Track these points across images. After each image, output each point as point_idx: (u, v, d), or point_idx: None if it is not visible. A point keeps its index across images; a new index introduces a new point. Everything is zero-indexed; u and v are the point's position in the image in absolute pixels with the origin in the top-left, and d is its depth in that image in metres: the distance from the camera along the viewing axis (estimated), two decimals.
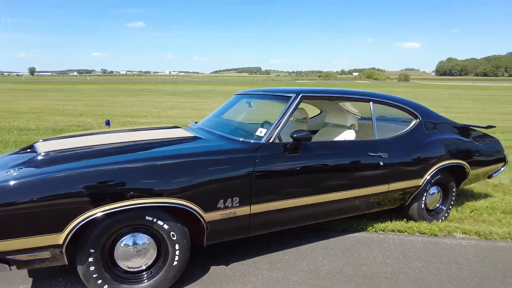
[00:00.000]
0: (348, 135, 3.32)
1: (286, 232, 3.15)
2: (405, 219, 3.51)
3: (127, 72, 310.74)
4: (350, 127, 3.40)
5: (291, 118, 4.31)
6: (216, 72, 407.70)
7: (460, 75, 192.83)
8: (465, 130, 3.81)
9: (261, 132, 2.70)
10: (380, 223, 3.44)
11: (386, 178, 3.05)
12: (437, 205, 3.63)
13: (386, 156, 3.02)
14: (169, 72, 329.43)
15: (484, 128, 4.09)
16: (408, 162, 3.17)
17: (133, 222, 2.13)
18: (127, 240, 2.17)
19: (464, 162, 3.52)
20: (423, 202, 3.43)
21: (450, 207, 3.68)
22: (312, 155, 2.74)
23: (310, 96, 3.01)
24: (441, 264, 2.77)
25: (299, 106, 4.01)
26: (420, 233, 3.31)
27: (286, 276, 2.54)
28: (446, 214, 3.65)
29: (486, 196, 4.54)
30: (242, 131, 2.99)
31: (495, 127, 4.57)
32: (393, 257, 2.86)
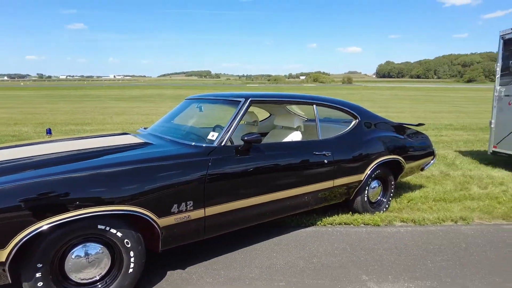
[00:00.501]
0: (295, 136, 3.51)
1: (242, 231, 3.24)
2: (350, 212, 3.78)
3: (67, 77, 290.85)
4: (297, 128, 3.60)
5: (242, 121, 4.43)
6: (164, 75, 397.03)
7: (397, 77, 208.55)
8: (399, 128, 4.20)
9: (213, 136, 2.76)
10: (328, 217, 3.67)
11: (331, 175, 3.28)
12: (379, 197, 3.96)
13: (329, 154, 3.25)
14: (114, 76, 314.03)
15: (415, 125, 4.54)
16: (350, 159, 3.43)
17: (84, 232, 2.08)
18: (78, 251, 2.11)
19: (400, 157, 3.89)
20: (365, 195, 3.72)
21: (390, 198, 4.03)
22: (263, 156, 2.86)
23: (258, 100, 3.14)
24: (383, 251, 3.04)
25: (249, 110, 4.14)
26: (364, 224, 3.60)
27: (242, 274, 2.63)
28: (387, 206, 3.99)
29: (420, 187, 5.02)
30: (194, 136, 3.03)
31: (424, 124, 5.08)
32: (341, 248, 3.08)
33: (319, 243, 3.15)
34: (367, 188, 3.71)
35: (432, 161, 4.54)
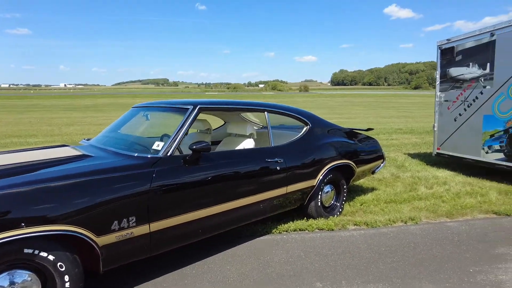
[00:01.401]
0: (248, 143, 3.45)
1: (194, 245, 3.10)
2: (305, 218, 3.78)
3: (11, 86, 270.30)
4: (250, 136, 3.54)
5: (195, 130, 4.30)
6: (119, 84, 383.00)
7: (350, 84, 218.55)
8: (349, 133, 4.31)
9: (158, 145, 2.62)
10: (283, 224, 3.63)
11: (284, 181, 3.25)
12: (332, 202, 4.01)
13: (281, 161, 3.22)
14: (65, 85, 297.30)
15: (365, 130, 4.68)
16: (302, 165, 3.43)
17: (7, 258, 1.84)
18: (1, 280, 1.86)
19: (350, 162, 3.97)
20: (319, 200, 3.74)
21: (343, 202, 4.10)
22: (213, 165, 2.76)
23: (208, 108, 3.05)
24: (337, 256, 3.05)
25: (202, 118, 4.01)
26: (319, 229, 3.60)
27: None
28: (340, 209, 4.05)
29: (372, 189, 5.18)
30: (138, 146, 2.86)
31: (373, 129, 5.27)
32: (295, 255, 3.05)
33: (274, 252, 3.10)
34: (320, 193, 3.73)
35: (382, 165, 4.70)
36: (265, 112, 3.44)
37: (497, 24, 5.24)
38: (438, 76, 6.56)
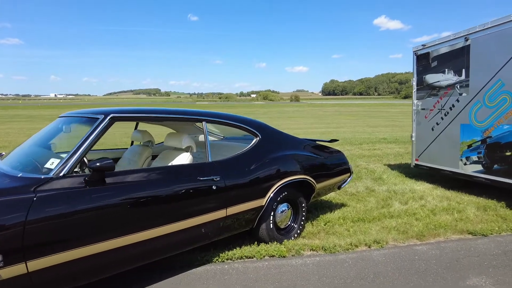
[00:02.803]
0: (183, 158, 2.98)
1: (106, 281, 2.60)
2: (256, 242, 3.32)
3: (0, 96, 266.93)
4: (186, 149, 3.08)
5: (137, 142, 3.83)
6: (111, 94, 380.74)
7: (341, 94, 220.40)
8: (309, 145, 3.87)
9: (52, 163, 2.15)
10: (229, 251, 3.16)
11: (222, 203, 2.79)
12: (289, 222, 3.55)
13: (218, 179, 2.76)
14: (55, 95, 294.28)
15: (328, 142, 4.26)
16: (246, 183, 2.98)
17: None
18: None
19: (308, 177, 3.52)
20: (271, 222, 3.28)
21: (302, 223, 3.64)
22: (123, 186, 2.29)
23: (123, 117, 2.56)
24: None
25: (142, 129, 3.56)
26: (269, 256, 3.13)
27: None
28: (298, 231, 3.59)
29: (341, 206, 4.74)
30: (29, 164, 2.38)
31: (338, 140, 4.85)
32: None
33: None
34: (272, 214, 3.27)
35: (348, 179, 4.27)
36: (203, 122, 2.98)
37: (471, 28, 4.92)
38: (414, 84, 6.22)
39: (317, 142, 4.11)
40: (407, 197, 5.15)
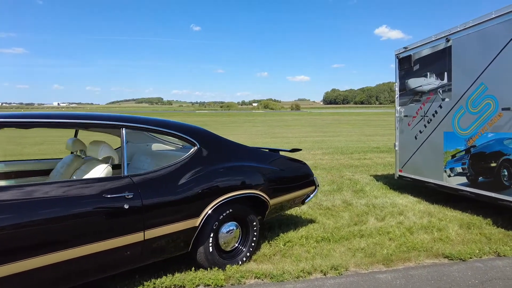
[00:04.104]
0: (98, 171, 2.54)
1: None
2: (193, 267, 2.85)
3: (3, 104, 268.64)
4: (104, 160, 2.64)
5: (76, 152, 3.40)
6: (113, 102, 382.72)
7: (343, 103, 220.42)
8: (263, 155, 3.42)
9: None
10: (157, 278, 2.69)
11: (137, 225, 2.34)
12: (236, 244, 3.08)
13: (131, 196, 2.32)
14: (58, 103, 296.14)
15: (289, 151, 3.82)
16: (173, 200, 2.53)
17: None
18: None
19: (258, 192, 3.07)
20: (210, 244, 2.82)
21: (254, 244, 3.17)
22: (9, 204, 1.86)
23: (7, 123, 2.13)
24: None
25: (76, 137, 3.15)
26: (203, 285, 2.67)
27: None
28: (248, 254, 3.12)
29: (309, 222, 4.27)
30: None
31: (301, 150, 4.41)
32: None
33: None
34: (212, 235, 2.82)
35: (313, 193, 3.81)
36: (122, 129, 2.54)
37: (453, 28, 4.51)
38: (397, 89, 5.80)
39: (277, 152, 3.66)
40: (386, 212, 4.68)
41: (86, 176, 2.56)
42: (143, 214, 2.34)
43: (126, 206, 2.28)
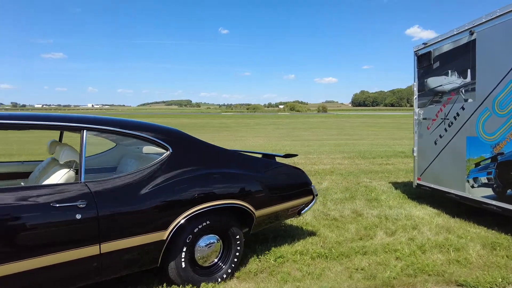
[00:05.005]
0: (58, 176, 2.32)
1: None
2: (165, 283, 2.58)
3: (44, 106, 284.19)
4: (66, 165, 2.42)
5: (51, 154, 3.24)
6: (144, 104, 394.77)
7: (372, 105, 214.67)
8: (248, 162, 3.06)
9: None
10: None
11: (91, 237, 2.09)
12: (215, 260, 2.78)
13: (84, 205, 2.07)
14: (92, 105, 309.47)
15: (282, 156, 3.46)
16: (135, 210, 2.26)
17: None
18: None
19: (240, 202, 2.75)
20: (183, 259, 2.53)
21: (236, 260, 2.85)
22: None
23: None
24: None
25: (56, 140, 2.99)
26: None
27: None
28: (229, 270, 2.81)
29: (309, 234, 3.89)
30: None
31: (297, 155, 4.03)
32: None
33: None
34: (185, 249, 2.53)
35: (311, 203, 3.44)
36: (83, 130, 2.31)
37: (477, 19, 3.98)
38: (415, 89, 5.29)
39: (272, 157, 3.33)
40: (398, 225, 4.21)
41: (46, 182, 2.36)
42: (98, 226, 2.10)
43: (78, 216, 2.04)
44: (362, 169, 8.85)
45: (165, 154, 2.58)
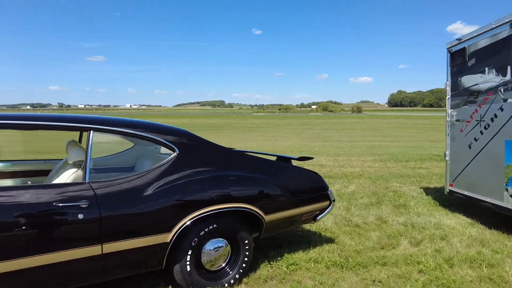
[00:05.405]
0: (66, 176, 2.36)
1: None
2: (171, 286, 2.55)
3: (86, 106, 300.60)
4: (73, 165, 2.45)
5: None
6: (179, 105, 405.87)
7: (409, 106, 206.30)
8: (259, 164, 2.94)
9: None
10: None
11: (93, 237, 2.09)
12: (222, 264, 2.71)
13: (86, 205, 2.07)
14: (130, 105, 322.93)
15: (296, 159, 3.32)
16: (137, 212, 2.24)
17: None
18: None
19: (248, 206, 2.66)
20: (188, 263, 2.48)
21: (244, 265, 2.76)
22: None
23: None
24: None
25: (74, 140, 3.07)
26: None
27: None
28: (237, 276, 2.72)
29: (326, 241, 3.71)
30: None
31: (313, 158, 3.85)
32: None
33: None
34: (190, 252, 2.48)
35: (328, 209, 3.27)
36: (91, 131, 2.32)
37: None
38: (448, 88, 4.92)
39: (288, 160, 3.21)
40: (425, 234, 3.93)
41: (55, 181, 2.40)
42: (101, 226, 2.10)
43: (80, 216, 2.05)
44: (393, 173, 8.44)
45: (171, 156, 2.55)
